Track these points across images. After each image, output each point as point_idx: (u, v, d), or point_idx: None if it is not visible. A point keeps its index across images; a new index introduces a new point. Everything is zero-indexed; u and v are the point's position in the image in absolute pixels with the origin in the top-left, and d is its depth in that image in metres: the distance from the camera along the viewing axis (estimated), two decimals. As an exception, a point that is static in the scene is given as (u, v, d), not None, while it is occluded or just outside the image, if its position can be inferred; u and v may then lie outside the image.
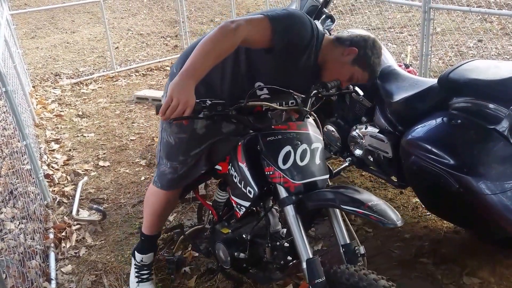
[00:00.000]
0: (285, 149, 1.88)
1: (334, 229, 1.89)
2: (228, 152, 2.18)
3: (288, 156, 1.88)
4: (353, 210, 1.69)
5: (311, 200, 1.84)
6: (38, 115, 5.35)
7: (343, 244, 1.86)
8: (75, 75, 6.88)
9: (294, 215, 1.86)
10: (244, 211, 2.08)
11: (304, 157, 1.90)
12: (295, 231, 1.84)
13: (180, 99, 1.71)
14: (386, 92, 2.85)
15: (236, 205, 2.12)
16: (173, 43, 8.28)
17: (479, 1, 7.35)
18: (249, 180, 1.99)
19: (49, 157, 4.36)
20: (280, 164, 1.88)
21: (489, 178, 2.22)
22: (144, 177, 3.96)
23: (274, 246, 2.06)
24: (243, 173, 2.02)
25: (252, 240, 2.15)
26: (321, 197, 1.83)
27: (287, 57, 2.03)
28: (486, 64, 2.46)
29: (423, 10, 4.41)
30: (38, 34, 9.47)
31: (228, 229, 2.32)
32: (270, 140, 1.92)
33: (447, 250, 2.77)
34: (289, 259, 2.04)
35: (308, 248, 1.83)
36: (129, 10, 10.96)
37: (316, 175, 1.91)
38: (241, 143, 2.07)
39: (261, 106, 1.97)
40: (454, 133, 2.38)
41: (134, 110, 5.48)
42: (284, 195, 1.89)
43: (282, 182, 1.88)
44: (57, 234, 3.20)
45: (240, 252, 2.16)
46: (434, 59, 5.86)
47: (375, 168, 3.08)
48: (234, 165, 2.08)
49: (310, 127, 2.00)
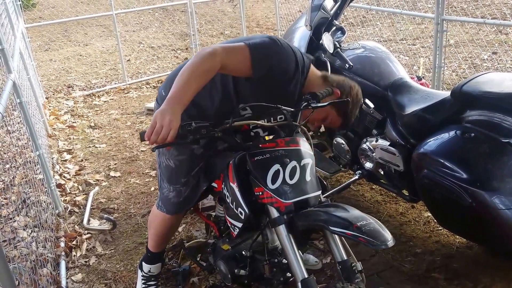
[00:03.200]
0: (273, 168, 1.84)
1: (330, 246, 1.84)
2: (222, 170, 2.13)
3: (277, 175, 1.83)
4: (342, 232, 1.63)
5: (300, 220, 1.79)
6: (51, 126, 5.40)
7: (340, 261, 1.81)
8: (87, 87, 6.94)
9: (286, 235, 1.81)
10: (238, 231, 2.03)
11: (293, 174, 1.85)
12: (289, 251, 1.80)
13: (164, 122, 1.65)
14: (398, 104, 2.84)
15: (230, 225, 2.08)
16: (184, 56, 8.34)
17: (494, 13, 7.23)
18: (239, 201, 1.93)
19: (61, 167, 4.40)
20: (269, 184, 1.84)
21: (503, 193, 2.19)
22: (154, 187, 3.97)
23: (273, 263, 2.02)
24: (234, 194, 1.97)
25: (252, 256, 2.11)
26: (311, 218, 1.78)
27: (269, 85, 2.01)
28: (501, 77, 2.43)
29: (436, 22, 4.40)
30: (51, 47, 9.58)
31: (229, 246, 2.25)
32: (257, 160, 1.87)
33: (459, 265, 2.74)
34: (288, 276, 1.99)
35: (303, 267, 1.78)
36: (140, 24, 11.06)
37: (307, 192, 1.86)
38: (232, 162, 2.01)
39: (248, 124, 1.95)
40: (467, 147, 2.36)
41: (145, 122, 5.51)
42: (275, 215, 1.84)
43: (272, 202, 1.84)
44: (68, 243, 3.22)
45: (240, 268, 2.11)
46: (447, 72, 5.82)
47: (386, 182, 3.06)
48: (226, 185, 2.03)
49: (301, 142, 1.95)
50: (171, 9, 11.51)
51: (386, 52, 3.24)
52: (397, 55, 6.53)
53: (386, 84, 2.97)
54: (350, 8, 2.50)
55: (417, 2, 7.75)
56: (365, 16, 7.87)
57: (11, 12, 5.13)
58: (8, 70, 3.27)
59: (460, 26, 7.07)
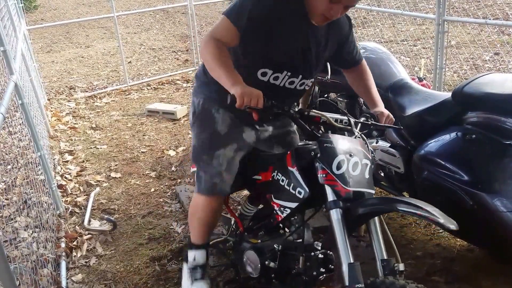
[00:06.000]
0: (339, 157, 1.94)
1: (373, 243, 1.89)
2: (271, 163, 2.26)
3: (342, 164, 1.93)
4: (412, 211, 1.71)
5: (362, 206, 1.85)
6: (53, 127, 5.40)
7: (382, 259, 1.85)
8: (89, 89, 6.95)
9: (339, 219, 1.87)
10: (288, 213, 2.12)
11: (356, 168, 1.95)
12: (338, 235, 1.85)
13: (252, 95, 1.81)
14: (398, 105, 2.83)
15: (278, 208, 2.16)
16: (184, 57, 8.35)
17: (496, 13, 7.16)
18: (300, 182, 2.05)
19: (63, 168, 4.40)
20: (334, 169, 1.93)
21: (504, 195, 2.18)
22: (154, 188, 3.97)
23: (308, 257, 2.10)
24: (292, 176, 2.09)
25: (282, 251, 2.20)
26: (374, 203, 1.86)
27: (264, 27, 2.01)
28: (503, 78, 2.42)
29: (437, 22, 4.38)
30: (53, 49, 9.61)
31: (257, 240, 2.38)
32: (327, 146, 1.98)
33: (460, 268, 2.72)
34: (321, 271, 2.07)
35: (350, 252, 1.83)
36: (141, 25, 11.09)
37: (366, 187, 1.95)
38: (291, 151, 2.16)
39: (320, 117, 2.09)
40: (468, 148, 2.35)
41: (145, 123, 5.52)
42: (332, 198, 1.91)
43: (334, 185, 1.92)
44: (68, 243, 3.21)
45: (270, 261, 2.20)
46: (449, 73, 5.80)
47: (386, 184, 3.04)
48: (281, 171, 2.16)
49: (361, 145, 2.06)
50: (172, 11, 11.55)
51: (387, 53, 3.24)
52: (398, 56, 6.49)
53: (387, 85, 2.97)
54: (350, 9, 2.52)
55: (418, 3, 7.73)
56: (366, 17, 7.86)
57: (13, 14, 5.14)
58: (10, 71, 3.27)
59: (461, 27, 7.03)
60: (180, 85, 6.91)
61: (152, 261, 3.01)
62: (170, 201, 3.77)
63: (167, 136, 5.07)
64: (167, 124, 5.42)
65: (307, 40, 2.10)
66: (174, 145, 4.82)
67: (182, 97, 6.37)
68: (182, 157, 4.51)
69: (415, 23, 8.06)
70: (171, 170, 4.28)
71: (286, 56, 2.10)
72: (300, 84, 2.21)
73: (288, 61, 2.12)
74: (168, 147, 4.77)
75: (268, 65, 2.11)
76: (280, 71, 2.13)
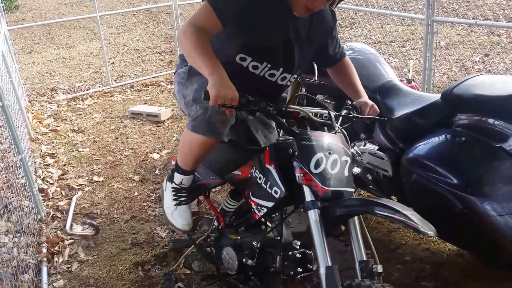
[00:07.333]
0: (317, 155, 1.91)
1: (352, 244, 1.87)
2: (249, 158, 2.24)
3: (320, 162, 1.90)
4: (389, 216, 1.68)
5: (340, 206, 1.83)
6: (34, 129, 5.30)
7: (360, 260, 1.83)
8: (71, 90, 6.84)
9: (317, 220, 1.85)
10: (264, 212, 2.08)
11: (334, 166, 1.92)
12: (316, 237, 1.83)
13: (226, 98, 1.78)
14: (387, 107, 2.81)
15: (256, 206, 2.12)
16: (168, 58, 8.26)
17: (486, 14, 7.16)
18: (276, 181, 2.01)
19: (44, 171, 4.31)
20: (312, 168, 1.90)
21: (494, 199, 2.15)
22: (137, 192, 3.91)
23: (286, 256, 2.07)
24: (269, 175, 2.05)
25: (261, 248, 2.18)
26: (352, 204, 1.85)
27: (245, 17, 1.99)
28: (492, 79, 2.42)
29: (426, 23, 4.37)
30: (34, 49, 9.45)
31: (237, 236, 2.36)
32: (305, 144, 1.95)
33: (449, 273, 2.70)
34: (299, 271, 2.05)
35: (328, 255, 1.81)
36: (125, 26, 10.97)
37: (344, 185, 1.93)
38: (269, 147, 2.12)
39: (299, 112, 2.06)
40: (458, 151, 2.33)
41: (129, 126, 5.44)
42: (310, 199, 1.89)
43: (312, 185, 1.89)
44: (50, 249, 3.15)
45: (248, 258, 2.19)
46: (438, 74, 5.77)
47: (374, 187, 3.00)
48: (258, 168, 2.12)
49: (341, 141, 2.03)
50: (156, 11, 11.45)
51: (375, 54, 3.22)
52: (387, 57, 6.46)
53: (375, 86, 2.94)
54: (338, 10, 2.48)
55: (407, 3, 7.72)
56: (354, 18, 7.83)
57: (-7, 14, 5.04)
58: (-11, 72, 3.20)
59: (451, 28, 7.03)
60: (165, 87, 6.82)
61: (135, 266, 2.96)
62: (154, 205, 3.70)
63: (151, 139, 5.00)
64: (151, 127, 5.34)
65: (289, 32, 2.09)
66: (158, 148, 4.75)
67: (166, 99, 6.29)
68: (166, 160, 4.44)
69: (404, 24, 8.04)
70: (155, 173, 4.21)
71: (266, 47, 2.08)
72: (282, 78, 2.18)
73: (268, 52, 2.10)
74: (152, 150, 4.69)
75: (247, 52, 2.07)
76: (260, 61, 2.10)
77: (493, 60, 6.13)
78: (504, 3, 7.68)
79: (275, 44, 2.08)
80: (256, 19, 2.01)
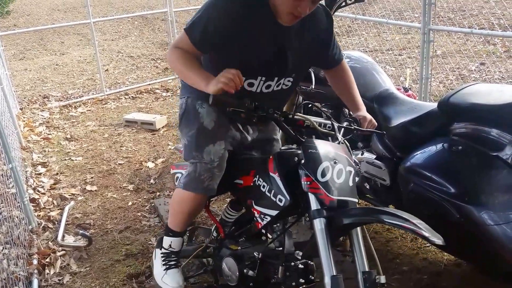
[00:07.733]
0: (324, 164, 1.92)
1: (355, 254, 1.87)
2: (252, 167, 2.25)
3: (326, 172, 1.91)
4: (398, 224, 1.68)
5: (346, 215, 1.84)
6: (25, 138, 5.23)
7: (363, 271, 1.82)
8: (64, 98, 6.78)
9: (323, 229, 1.84)
10: (268, 220, 2.09)
11: (340, 176, 1.93)
12: (322, 246, 1.83)
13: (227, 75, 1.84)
14: (384, 116, 2.81)
15: (259, 215, 2.12)
16: (164, 65, 8.23)
17: (482, 23, 7.19)
18: (281, 189, 2.02)
19: (35, 180, 4.25)
20: (319, 176, 1.90)
21: (491, 208, 2.15)
22: (132, 202, 3.86)
23: (288, 266, 2.06)
24: (274, 183, 2.06)
25: (262, 259, 2.17)
26: (359, 213, 1.86)
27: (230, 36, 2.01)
28: (489, 88, 2.43)
29: (423, 31, 4.37)
30: (26, 56, 9.40)
31: (237, 247, 2.36)
32: (311, 152, 1.96)
33: (447, 283, 2.68)
34: (301, 282, 2.04)
35: (333, 264, 1.81)
36: (119, 32, 10.94)
37: (349, 195, 1.93)
38: (273, 155, 2.14)
39: (304, 121, 2.10)
40: (455, 160, 2.33)
41: (123, 134, 5.39)
42: (315, 207, 1.89)
43: (318, 193, 1.89)
44: (41, 260, 3.09)
45: (249, 269, 2.18)
46: (435, 83, 5.78)
47: (371, 196, 3.00)
48: (262, 176, 2.13)
49: (345, 152, 2.05)
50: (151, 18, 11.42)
51: (372, 63, 3.22)
52: (383, 65, 6.45)
53: (372, 95, 2.94)
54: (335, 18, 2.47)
55: (403, 12, 7.76)
56: (351, 26, 7.84)
57: (-16, 20, 4.99)
58: (-21, 80, 3.16)
59: (447, 36, 7.06)
60: (160, 94, 6.78)
61: (129, 278, 2.92)
62: (148, 215, 3.66)
63: (145, 147, 4.96)
64: (146, 135, 5.30)
65: (278, 43, 2.08)
66: (153, 156, 4.70)
67: (162, 107, 6.25)
68: (161, 169, 4.40)
69: (401, 32, 8.09)
70: (149, 182, 4.17)
71: (258, 62, 2.09)
72: (277, 85, 2.18)
73: (260, 66, 2.11)
74: (147, 159, 4.65)
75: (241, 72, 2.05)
76: (254, 77, 2.11)
77: (489, 69, 6.15)
78: (499, 12, 7.73)
79: (267, 57, 2.09)
80: (242, 36, 2.02)
